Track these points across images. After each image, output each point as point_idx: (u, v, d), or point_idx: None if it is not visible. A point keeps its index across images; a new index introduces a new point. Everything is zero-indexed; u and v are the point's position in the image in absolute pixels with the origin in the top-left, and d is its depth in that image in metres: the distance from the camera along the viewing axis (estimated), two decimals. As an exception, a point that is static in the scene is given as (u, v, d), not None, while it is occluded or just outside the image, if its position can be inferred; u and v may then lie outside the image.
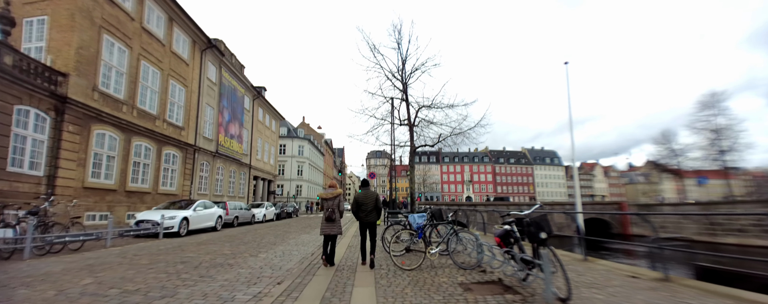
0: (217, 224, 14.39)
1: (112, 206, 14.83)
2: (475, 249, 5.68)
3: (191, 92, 20.01)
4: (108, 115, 14.24)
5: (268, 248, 8.86)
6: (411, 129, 10.38)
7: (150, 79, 16.82)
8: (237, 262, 6.75)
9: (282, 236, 12.05)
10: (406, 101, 11.18)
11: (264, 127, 32.37)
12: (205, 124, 21.77)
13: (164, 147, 17.92)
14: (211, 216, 13.97)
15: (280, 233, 12.90)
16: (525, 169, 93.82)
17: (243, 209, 18.17)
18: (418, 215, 5.79)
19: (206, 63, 21.51)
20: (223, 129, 23.50)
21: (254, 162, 29.60)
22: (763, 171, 62.44)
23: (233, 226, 16.69)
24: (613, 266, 5.95)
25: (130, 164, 15.63)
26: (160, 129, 17.54)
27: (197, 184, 20.71)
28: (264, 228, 15.71)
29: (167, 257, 7.30)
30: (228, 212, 16.20)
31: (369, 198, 5.99)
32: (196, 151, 20.58)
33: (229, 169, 24.81)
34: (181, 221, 11.91)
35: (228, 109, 24.23)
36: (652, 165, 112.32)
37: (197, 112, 20.65)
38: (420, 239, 5.68)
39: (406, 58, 11.48)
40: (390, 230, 7.11)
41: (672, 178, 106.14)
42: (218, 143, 22.72)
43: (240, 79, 26.17)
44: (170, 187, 18.57)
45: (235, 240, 10.53)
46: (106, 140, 14.41)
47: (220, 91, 23.25)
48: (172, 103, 18.53)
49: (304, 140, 53.11)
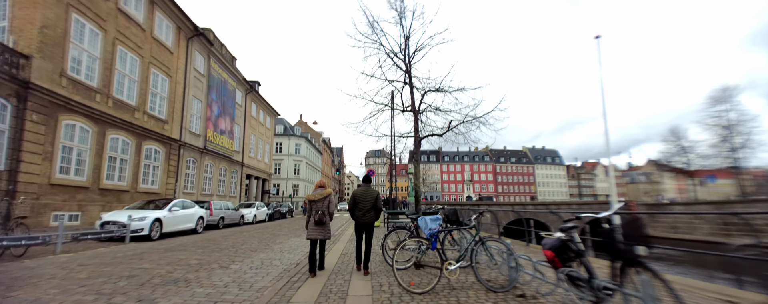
0: (198, 226, 12.93)
1: (83, 206, 13.36)
2: (506, 263, 4.25)
3: (176, 83, 18.53)
4: (78, 104, 12.77)
5: (246, 256, 7.41)
6: (415, 116, 8.88)
7: (128, 67, 15.33)
8: (198, 277, 5.30)
9: (268, 240, 10.59)
10: (409, 84, 9.64)
11: (258, 123, 30.88)
12: (192, 118, 20.28)
13: (145, 141, 16.44)
14: (191, 217, 12.51)
15: (267, 237, 11.45)
16: (526, 168, 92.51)
17: (230, 210, 16.70)
18: (431, 218, 4.32)
19: (193, 52, 20.03)
20: (212, 124, 22.01)
21: (247, 160, 28.12)
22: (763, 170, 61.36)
23: (218, 228, 15.23)
24: (690, 283, 4.51)
25: (104, 159, 14.16)
26: (140, 122, 16.07)
27: (182, 182, 19.23)
28: (251, 231, 14.25)
29: (115, 269, 5.85)
30: (212, 213, 14.74)
31: (368, 195, 5.46)
32: (182, 146, 19.10)
33: (219, 166, 23.33)
34: (153, 223, 10.44)
35: (217, 103, 22.75)
36: (653, 164, 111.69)
37: (183, 104, 19.17)
38: (433, 250, 4.22)
39: (409, 34, 9.94)
40: (393, 235, 5.67)
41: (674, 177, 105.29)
42: (206, 139, 21.24)
43: (231, 72, 24.68)
44: (152, 185, 17.09)
45: (211, 246, 9.07)
46: (76, 132, 12.94)
47: (209, 83, 21.77)
48: (154, 94, 17.04)
49: (301, 138, 51.64)
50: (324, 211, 5.34)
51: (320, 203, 5.37)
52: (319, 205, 5.36)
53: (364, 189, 5.59)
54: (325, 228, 5.37)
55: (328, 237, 5.50)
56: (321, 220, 5.27)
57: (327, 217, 5.36)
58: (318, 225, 5.31)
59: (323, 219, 5.29)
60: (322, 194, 5.43)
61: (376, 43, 9.58)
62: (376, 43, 9.58)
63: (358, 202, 5.50)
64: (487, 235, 4.58)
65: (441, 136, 8.89)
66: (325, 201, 5.40)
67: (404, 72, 9.62)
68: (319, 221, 5.28)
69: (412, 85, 9.59)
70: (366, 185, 5.68)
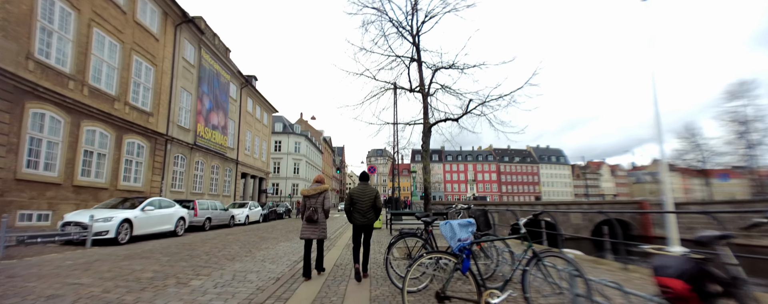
0: (177, 227, 11.55)
1: (54, 204, 12.03)
2: (571, 290, 2.83)
3: (162, 73, 17.17)
4: (48, 91, 11.46)
5: (218, 266, 6.01)
6: (424, 98, 7.34)
7: (106, 52, 13.98)
8: (139, 300, 3.90)
9: (253, 244, 9.19)
10: (417, 60, 7.96)
11: (254, 119, 29.51)
12: (181, 112, 18.93)
13: (126, 135, 15.10)
14: (169, 218, 11.13)
15: (253, 241, 10.05)
16: (530, 168, 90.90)
17: (218, 210, 15.31)
18: (460, 223, 2.89)
19: (181, 40, 18.68)
20: (203, 118, 20.65)
21: (242, 157, 26.76)
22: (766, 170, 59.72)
23: (204, 229, 13.83)
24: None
25: (79, 153, 12.84)
26: (121, 113, 14.72)
27: (170, 180, 17.88)
28: (239, 233, 12.87)
29: (39, 286, 4.46)
30: (197, 213, 13.35)
31: (366, 195, 4.96)
32: (169, 141, 17.74)
33: (211, 164, 21.97)
34: (120, 225, 9.06)
35: (209, 96, 21.39)
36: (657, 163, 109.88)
37: (170, 96, 17.81)
38: (465, 273, 2.79)
39: (417, 0, 8.32)
40: (401, 243, 4.26)
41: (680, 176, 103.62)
42: (197, 134, 19.88)
43: (224, 64, 23.31)
44: (135, 182, 15.74)
45: (182, 252, 7.68)
46: (46, 122, 11.62)
47: (200, 74, 20.41)
48: (137, 83, 15.69)
49: (300, 137, 50.28)
50: (316, 208, 4.93)
51: (314, 199, 4.99)
52: (313, 201, 4.98)
53: (361, 188, 5.05)
54: (318, 227, 4.96)
55: (324, 237, 5.07)
56: (311, 217, 4.88)
57: (319, 214, 4.95)
58: (310, 223, 4.94)
59: (314, 216, 4.88)
60: (317, 189, 5.04)
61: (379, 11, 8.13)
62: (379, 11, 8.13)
63: (355, 202, 4.94)
64: (544, 248, 3.15)
65: (457, 120, 7.17)
66: (319, 197, 5.01)
67: (412, 45, 7.94)
68: (310, 219, 4.90)
69: (421, 60, 7.95)
70: (364, 183, 5.14)
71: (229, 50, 24.34)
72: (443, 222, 3.05)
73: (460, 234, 2.85)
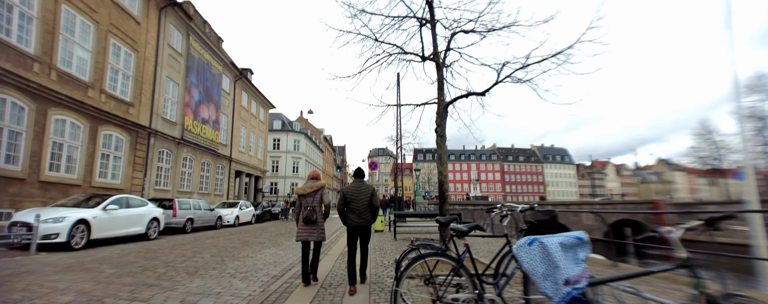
0: (150, 229, 10.06)
1: (17, 202, 10.60)
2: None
3: (144, 60, 15.71)
4: (8, 73, 10.05)
5: (169, 286, 4.52)
6: (439, 70, 5.71)
7: (77, 33, 12.54)
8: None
9: (231, 251, 7.71)
10: (430, 21, 6.13)
11: (249, 114, 28.02)
12: (167, 103, 17.47)
13: (102, 126, 13.65)
14: (138, 219, 9.64)
15: (234, 246, 8.57)
16: (534, 167, 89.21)
17: (203, 210, 13.82)
18: (563, 243, 1.35)
19: (167, 26, 17.22)
20: (192, 111, 19.18)
21: (237, 154, 25.28)
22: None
23: (184, 232, 12.34)
24: None
25: (46, 145, 11.42)
26: (96, 102, 13.27)
27: (153, 177, 16.42)
28: (222, 236, 11.38)
29: None
30: (176, 213, 11.87)
31: (362, 193, 4.40)
32: (152, 135, 16.28)
33: (201, 160, 20.50)
34: (74, 226, 7.60)
35: (199, 88, 19.92)
36: (664, 163, 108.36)
37: (154, 86, 16.35)
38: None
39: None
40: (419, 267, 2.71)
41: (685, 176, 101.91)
42: (184, 128, 18.42)
43: (215, 53, 21.84)
44: (113, 179, 14.29)
45: (139, 262, 6.20)
46: (7, 109, 10.21)
47: (188, 64, 18.94)
48: (115, 70, 14.24)
49: (300, 134, 48.79)
50: (314, 207, 4.50)
51: (310, 197, 4.56)
52: (309, 200, 4.55)
53: (356, 185, 4.53)
54: (316, 228, 4.52)
55: (323, 239, 4.61)
56: (309, 218, 4.43)
57: (318, 214, 4.51)
58: (307, 224, 4.50)
59: (312, 217, 4.45)
60: (312, 186, 4.59)
61: None
62: None
63: (349, 201, 4.43)
64: (726, 291, 1.62)
65: (483, 94, 5.37)
66: (316, 195, 4.58)
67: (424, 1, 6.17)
68: (307, 220, 4.45)
69: (435, 20, 6.06)
70: (359, 180, 4.61)
71: (221, 40, 22.87)
72: (525, 241, 1.54)
73: (567, 269, 1.31)
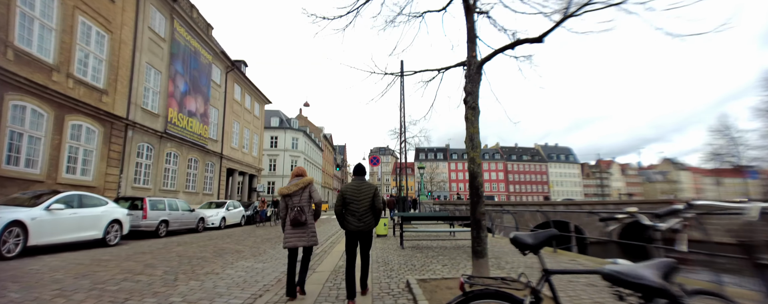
0: (109, 234, 8.41)
1: (-37, 201, 8.96)
2: None
3: (120, 43, 14.08)
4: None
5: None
6: (469, 15, 4.02)
7: (38, 8, 10.95)
8: None
9: (196, 265, 6.06)
10: None
11: (243, 109, 26.37)
12: (147, 92, 15.83)
13: (70, 115, 12.05)
14: (94, 221, 7.99)
15: (203, 257, 6.92)
16: (539, 166, 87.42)
17: (180, 210, 12.16)
18: None
19: (146, 6, 15.58)
20: (177, 102, 17.55)
21: (228, 151, 23.64)
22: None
23: (158, 236, 10.67)
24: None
25: (3, 135, 9.87)
26: (62, 87, 11.68)
27: (131, 173, 14.78)
28: (198, 242, 9.72)
29: None
30: (146, 215, 10.22)
31: (362, 193, 3.86)
32: (130, 127, 14.66)
33: (188, 156, 18.86)
34: (4, 230, 5.96)
35: (185, 78, 18.29)
36: (668, 162, 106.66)
37: (131, 72, 14.72)
38: None
39: None
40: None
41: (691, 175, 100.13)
42: (168, 120, 16.78)
43: (204, 41, 20.19)
44: (83, 175, 12.68)
45: (65, 280, 4.56)
46: (-56, 95, 8.59)
47: (172, 50, 17.31)
48: (85, 52, 12.62)
49: (298, 132, 47.16)
50: (302, 207, 3.87)
51: (297, 196, 3.92)
52: (296, 199, 3.91)
53: (356, 184, 3.91)
54: (306, 231, 3.87)
55: (314, 243, 3.96)
56: (297, 219, 3.79)
57: (307, 214, 3.87)
58: (296, 227, 3.85)
59: (301, 218, 3.80)
60: (298, 184, 3.93)
61: None
62: None
63: (349, 202, 3.84)
64: None
65: (540, 40, 3.60)
66: (304, 193, 3.94)
67: None
68: (295, 221, 3.80)
69: None
70: (359, 178, 4.03)
71: (210, 26, 21.23)
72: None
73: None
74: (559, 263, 5.90)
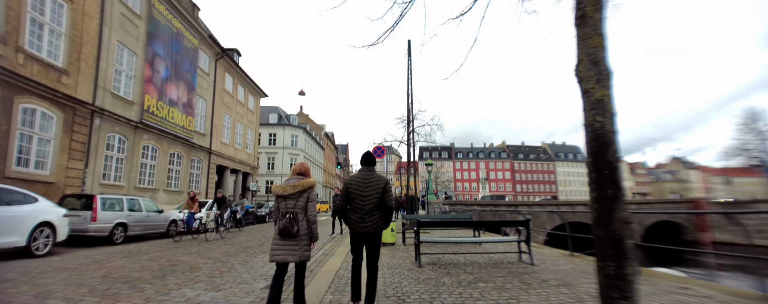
0: (37, 241, 6.35)
1: None
2: None
3: (83, 14, 12.08)
4: None
5: None
6: None
7: (-33, -35, 8.93)
8: None
9: (108, 296, 3.99)
10: None
11: (234, 101, 24.32)
12: (118, 76, 13.82)
13: (20, 97, 10.08)
14: (14, 225, 5.92)
15: (136, 279, 4.87)
16: (546, 165, 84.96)
17: (145, 212, 10.08)
18: None
19: (117, -23, 13.57)
20: (156, 89, 15.53)
21: (218, 146, 21.62)
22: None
23: (113, 242, 8.61)
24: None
25: None
26: (10, 63, 9.73)
27: (99, 168, 12.77)
28: (149, 253, 7.66)
29: None
30: (96, 217, 8.17)
31: (369, 187, 3.26)
32: (97, 114, 12.65)
33: (170, 151, 16.84)
34: None
35: (166, 62, 16.27)
36: (678, 161, 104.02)
37: (98, 51, 12.71)
38: None
39: None
40: None
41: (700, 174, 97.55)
42: (144, 108, 14.77)
43: (189, 23, 18.18)
44: (38, 169, 10.71)
45: None
46: None
47: (150, 29, 15.29)
48: (39, 23, 10.64)
49: (298, 129, 45.12)
50: (295, 214, 3.04)
51: (292, 199, 3.09)
52: (291, 203, 3.08)
53: (363, 176, 3.33)
54: (298, 244, 3.05)
55: (306, 259, 3.10)
56: (287, 230, 2.96)
57: (299, 224, 3.03)
58: (285, 238, 3.03)
59: (291, 228, 2.97)
60: (296, 186, 3.08)
61: None
62: None
63: (353, 197, 3.28)
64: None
65: None
66: (301, 197, 3.11)
67: None
68: (284, 231, 2.97)
69: None
70: (367, 168, 3.40)
71: (197, 8, 19.20)
72: None
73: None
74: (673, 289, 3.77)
